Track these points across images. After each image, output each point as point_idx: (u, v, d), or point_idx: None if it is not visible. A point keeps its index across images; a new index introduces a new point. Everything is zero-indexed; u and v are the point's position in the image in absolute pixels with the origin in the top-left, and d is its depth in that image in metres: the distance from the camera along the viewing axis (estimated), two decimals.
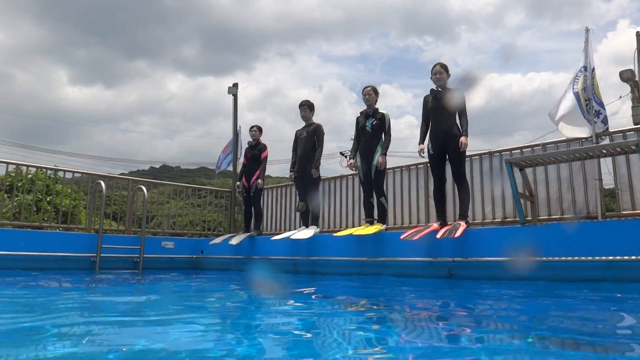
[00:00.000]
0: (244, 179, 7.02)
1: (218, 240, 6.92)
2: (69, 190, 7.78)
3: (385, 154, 5.40)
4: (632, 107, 11.90)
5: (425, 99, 5.02)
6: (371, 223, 5.42)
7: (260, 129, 7.13)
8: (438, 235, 4.41)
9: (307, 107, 6.27)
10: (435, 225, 4.76)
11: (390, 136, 5.45)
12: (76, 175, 7.63)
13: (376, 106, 5.56)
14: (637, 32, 11.18)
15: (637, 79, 11.29)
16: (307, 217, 6.08)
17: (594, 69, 4.85)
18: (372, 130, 5.43)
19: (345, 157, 33.58)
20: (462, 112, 4.74)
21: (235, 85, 8.95)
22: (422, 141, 5.00)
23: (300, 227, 6.23)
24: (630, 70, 10.91)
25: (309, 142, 6.09)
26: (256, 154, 6.95)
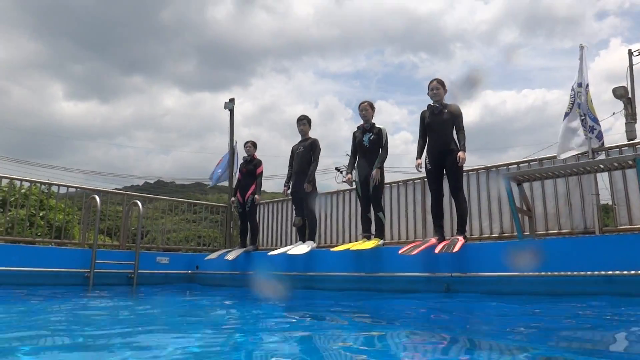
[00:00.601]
0: (238, 194, 6.98)
1: (214, 255, 6.85)
2: (63, 205, 7.71)
3: (380, 168, 5.38)
4: (626, 123, 12.03)
5: (423, 114, 5.02)
6: (368, 238, 5.39)
7: (254, 145, 7.12)
8: (436, 250, 4.39)
9: (306, 122, 6.28)
10: (433, 240, 4.73)
11: (387, 150, 5.45)
12: (70, 190, 7.57)
13: (373, 121, 5.56)
14: (630, 50, 11.37)
15: (629, 95, 11.44)
16: (304, 232, 6.04)
17: (587, 85, 4.89)
18: (370, 145, 5.43)
19: (341, 172, 33.60)
20: (460, 128, 4.75)
21: (232, 100, 8.97)
22: (419, 156, 4.99)
23: (296, 242, 6.18)
24: (623, 87, 11.03)
25: (305, 157, 6.07)
26: (251, 169, 6.93)
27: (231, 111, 8.96)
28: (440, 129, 4.80)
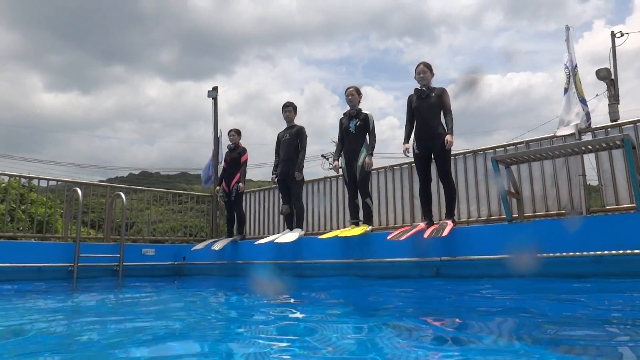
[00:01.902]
0: (224, 183, 6.90)
1: (200, 246, 6.77)
2: (45, 199, 7.52)
3: (371, 155, 5.35)
4: (609, 104, 12.12)
5: (410, 98, 4.97)
6: (357, 224, 5.35)
7: (238, 132, 7.04)
8: (425, 235, 4.36)
9: (292, 109, 6.19)
10: (422, 225, 4.71)
11: (374, 136, 5.40)
12: (52, 183, 7.39)
13: (359, 107, 5.50)
14: (612, 32, 11.41)
15: (612, 77, 11.51)
16: (292, 220, 5.98)
17: (576, 65, 4.86)
18: (356, 131, 5.37)
19: (327, 159, 33.52)
20: (447, 111, 4.71)
21: (215, 88, 8.81)
22: (406, 140, 4.94)
23: (284, 230, 6.12)
24: (606, 68, 11.07)
25: (292, 145, 5.99)
26: (235, 157, 6.86)
27: (215, 100, 8.79)
28: (428, 113, 4.76)
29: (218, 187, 7.20)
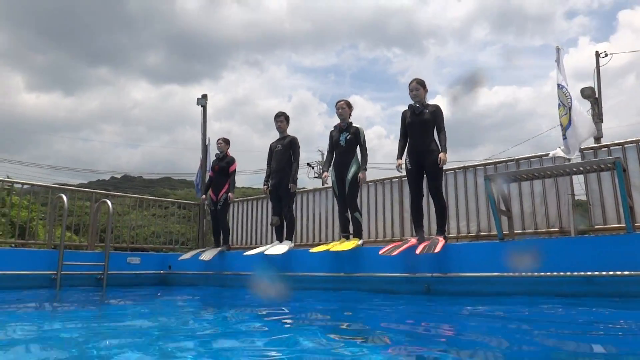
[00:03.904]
0: (211, 192, 6.80)
1: (187, 256, 6.66)
2: (26, 202, 7.35)
3: (365, 169, 5.34)
4: (594, 122, 12.36)
5: (404, 114, 4.97)
6: (347, 238, 5.33)
7: (227, 141, 6.95)
8: (417, 251, 4.36)
9: (283, 119, 6.10)
10: (413, 241, 4.70)
11: (366, 150, 5.40)
12: (29, 186, 7.22)
13: (350, 120, 5.49)
14: (597, 52, 11.68)
15: (597, 96, 11.74)
16: (282, 232, 5.94)
17: (567, 87, 4.91)
18: (346, 145, 5.36)
19: (312, 168, 33.54)
20: (441, 128, 4.73)
21: (204, 96, 8.76)
22: (400, 156, 4.95)
23: (274, 241, 6.07)
24: (591, 87, 11.32)
25: (284, 156, 5.93)
26: (224, 166, 6.77)
27: (204, 108, 8.74)
28: (421, 129, 4.76)
29: (204, 196, 7.13)
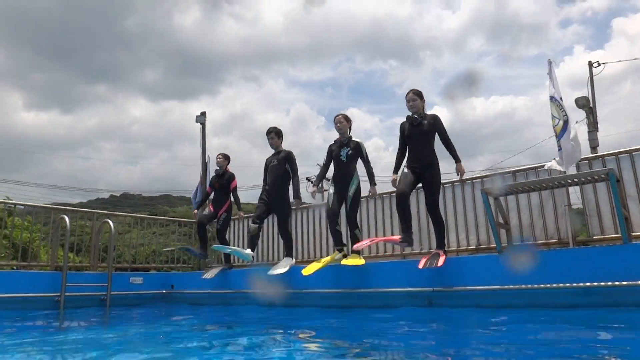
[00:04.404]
0: (211, 206, 6.75)
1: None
2: (27, 223, 7.40)
3: (375, 184, 5.34)
4: (588, 132, 12.48)
5: (402, 126, 4.87)
6: (341, 250, 5.30)
7: (226, 157, 6.85)
8: (420, 266, 4.39)
9: (274, 135, 5.95)
10: (395, 238, 4.68)
11: (370, 164, 5.34)
12: (31, 206, 7.27)
13: (350, 134, 5.42)
14: (590, 62, 11.84)
15: (591, 105, 11.87)
16: (256, 242, 5.83)
17: (561, 98, 4.98)
18: (347, 160, 5.28)
19: (311, 182, 33.53)
20: (445, 139, 4.65)
21: (203, 114, 8.89)
22: (396, 171, 4.92)
23: (279, 259, 6.05)
24: (585, 97, 11.44)
25: (279, 171, 5.78)
26: (224, 184, 6.69)
27: (203, 125, 8.86)
28: (421, 141, 4.68)
29: (195, 211, 7.16)
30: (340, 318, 4.47)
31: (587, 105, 11.50)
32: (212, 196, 6.91)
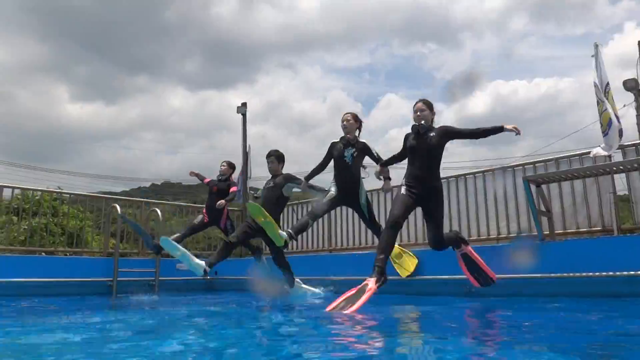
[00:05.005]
0: (205, 212, 6.50)
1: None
2: (75, 211, 7.80)
3: (389, 179, 4.72)
4: (637, 115, 11.98)
5: (406, 136, 4.10)
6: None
7: (230, 165, 6.62)
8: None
9: (275, 159, 5.32)
10: (372, 286, 3.47)
11: (382, 160, 4.69)
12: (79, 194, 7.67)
13: (356, 135, 4.88)
14: (639, 41, 11.27)
15: None
16: (230, 252, 5.53)
17: (608, 83, 4.84)
18: (352, 162, 4.75)
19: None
20: (461, 131, 3.99)
21: (244, 104, 9.07)
22: (385, 164, 4.58)
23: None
24: (634, 79, 10.95)
25: (274, 194, 5.20)
26: (224, 188, 6.41)
27: (244, 115, 9.05)
28: (424, 156, 3.92)
29: (200, 216, 6.66)
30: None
31: (635, 88, 11.01)
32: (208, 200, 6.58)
